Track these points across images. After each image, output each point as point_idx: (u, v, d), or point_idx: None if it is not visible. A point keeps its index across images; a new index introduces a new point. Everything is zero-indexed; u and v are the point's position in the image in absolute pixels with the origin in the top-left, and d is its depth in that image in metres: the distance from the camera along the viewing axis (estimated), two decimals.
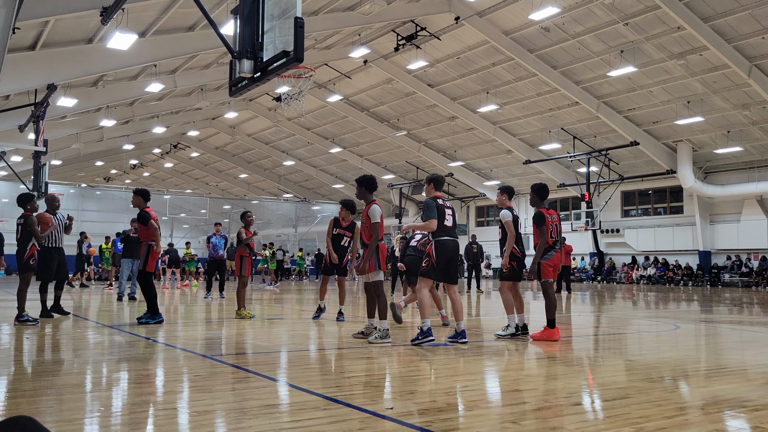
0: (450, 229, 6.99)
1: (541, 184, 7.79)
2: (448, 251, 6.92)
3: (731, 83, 22.84)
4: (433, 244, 6.93)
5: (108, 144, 39.13)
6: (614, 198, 31.97)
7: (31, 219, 8.65)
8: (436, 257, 6.87)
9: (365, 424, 3.46)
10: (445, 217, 6.95)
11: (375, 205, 7.12)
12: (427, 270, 6.97)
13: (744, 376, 5.43)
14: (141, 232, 8.94)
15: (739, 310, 13.79)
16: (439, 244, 6.91)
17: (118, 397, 4.21)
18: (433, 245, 6.94)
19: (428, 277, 6.98)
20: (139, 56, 20.07)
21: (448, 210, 7.04)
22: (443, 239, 6.91)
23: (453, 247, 6.99)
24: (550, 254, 7.45)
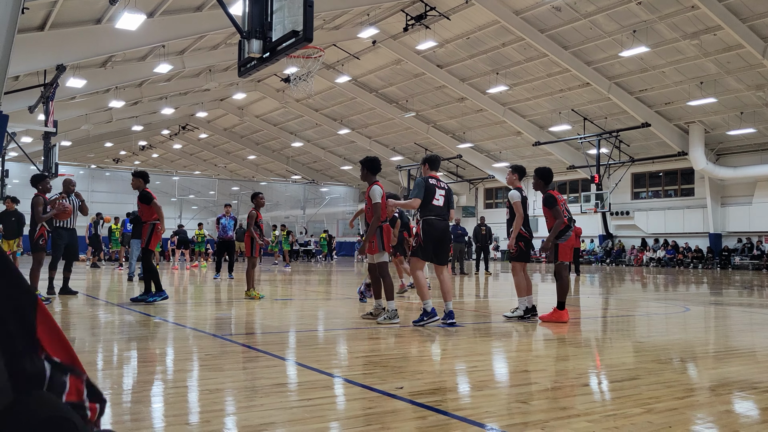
0: (439, 209, 6.83)
1: (545, 168, 7.74)
2: (436, 231, 6.79)
3: (745, 64, 22.53)
4: (421, 223, 6.84)
5: (117, 125, 39.21)
6: (624, 180, 31.78)
7: (35, 200, 8.78)
8: (424, 237, 6.78)
9: (375, 403, 3.48)
10: (435, 196, 6.80)
11: (376, 185, 7.06)
12: (416, 250, 6.90)
13: (754, 358, 5.42)
14: (144, 212, 8.99)
15: (749, 292, 13.73)
16: (426, 223, 6.79)
17: (129, 375, 4.25)
18: (420, 225, 6.86)
19: (418, 257, 6.87)
20: (147, 37, 20.03)
21: (441, 190, 6.88)
22: (431, 219, 6.80)
23: (442, 227, 6.87)
24: (567, 235, 7.36)
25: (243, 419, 3.15)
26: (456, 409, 3.39)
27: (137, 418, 3.18)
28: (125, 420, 3.15)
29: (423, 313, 6.68)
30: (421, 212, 6.84)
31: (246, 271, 10.08)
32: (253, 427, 2.99)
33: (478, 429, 3.03)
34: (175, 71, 27.25)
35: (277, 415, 3.21)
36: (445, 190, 6.97)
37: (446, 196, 6.92)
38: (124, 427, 3.01)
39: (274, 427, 3.00)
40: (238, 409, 3.36)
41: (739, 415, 3.49)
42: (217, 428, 2.99)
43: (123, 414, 3.27)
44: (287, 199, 48.50)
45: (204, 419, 3.14)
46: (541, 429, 3.04)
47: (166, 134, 47.69)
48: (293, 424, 3.06)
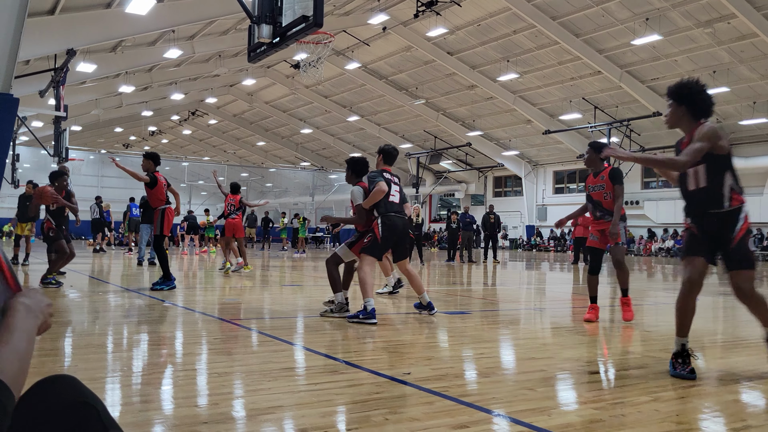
0: (396, 206, 6.41)
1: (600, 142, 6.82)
2: (397, 230, 6.36)
3: (759, 53, 22.27)
4: (379, 220, 6.32)
5: (127, 110, 39.30)
6: (635, 170, 31.61)
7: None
8: (383, 234, 6.27)
9: (382, 388, 3.50)
10: (391, 192, 6.39)
11: (356, 186, 6.63)
12: (370, 247, 6.31)
13: (761, 348, 5.39)
14: (151, 197, 9.02)
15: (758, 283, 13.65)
16: (386, 221, 6.31)
17: (139, 358, 4.30)
18: (379, 221, 6.32)
19: (372, 255, 6.31)
20: (157, 21, 20.02)
21: (395, 186, 6.48)
22: (390, 215, 6.33)
23: (402, 224, 6.44)
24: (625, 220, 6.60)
25: (251, 402, 3.18)
26: (463, 395, 3.40)
27: (147, 399, 3.21)
28: (135, 401, 3.18)
29: (362, 311, 6.03)
30: (377, 209, 6.38)
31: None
32: (261, 410, 3.02)
33: (484, 415, 3.04)
34: (185, 56, 27.25)
35: (285, 398, 3.24)
36: (399, 186, 6.59)
37: (400, 192, 6.56)
38: (134, 408, 3.05)
39: (281, 411, 3.03)
40: (246, 392, 3.39)
41: (746, 405, 3.49)
42: (226, 411, 3.01)
43: (133, 396, 3.30)
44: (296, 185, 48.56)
45: (212, 402, 3.17)
46: (548, 416, 3.05)
47: (175, 120, 47.77)
48: (300, 408, 3.09)
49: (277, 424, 2.86)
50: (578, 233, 19.97)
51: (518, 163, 37.55)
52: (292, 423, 2.90)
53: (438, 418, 2.95)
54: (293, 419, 2.94)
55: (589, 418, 3.03)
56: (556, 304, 9.12)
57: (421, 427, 2.81)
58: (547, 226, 37.58)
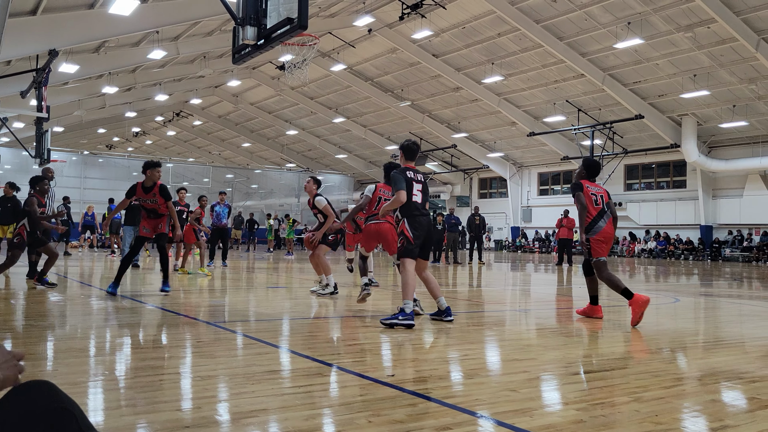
0: (420, 205, 6.29)
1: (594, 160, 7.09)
2: (423, 227, 6.27)
3: (738, 57, 22.58)
4: (407, 222, 6.21)
5: (110, 111, 38.96)
6: (618, 171, 31.88)
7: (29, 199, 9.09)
8: (413, 233, 6.19)
9: (366, 390, 3.51)
10: (414, 192, 6.24)
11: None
12: (406, 249, 6.20)
13: (742, 349, 5.48)
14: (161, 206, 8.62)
15: (738, 284, 13.84)
16: (412, 220, 6.22)
17: (122, 362, 4.27)
18: (407, 223, 6.21)
19: (410, 257, 6.21)
20: (141, 22, 19.86)
21: (418, 185, 6.31)
22: (415, 215, 6.24)
23: (427, 222, 6.35)
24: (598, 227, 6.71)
25: (234, 405, 3.17)
26: (446, 396, 3.43)
27: (129, 404, 3.20)
28: (117, 406, 3.17)
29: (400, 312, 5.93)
30: (401, 211, 6.25)
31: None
32: (245, 413, 3.02)
33: (468, 416, 3.06)
34: (169, 57, 27.07)
35: (269, 401, 3.24)
36: (422, 183, 6.42)
37: (423, 191, 6.38)
38: (117, 412, 3.04)
39: (265, 414, 3.03)
40: (229, 396, 3.38)
41: (725, 405, 3.54)
42: (209, 414, 3.01)
43: (115, 400, 3.29)
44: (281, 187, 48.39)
45: (196, 405, 3.16)
46: (530, 417, 3.08)
47: (159, 121, 47.43)
48: (284, 411, 3.09)
49: (260, 427, 2.86)
50: (562, 235, 20.13)
51: (503, 165, 37.74)
52: (276, 426, 2.90)
53: (421, 420, 2.97)
54: (277, 422, 2.94)
55: (571, 419, 3.07)
56: (541, 305, 9.18)
57: (404, 429, 2.82)
58: (532, 228, 37.79)
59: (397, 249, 6.30)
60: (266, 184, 48.38)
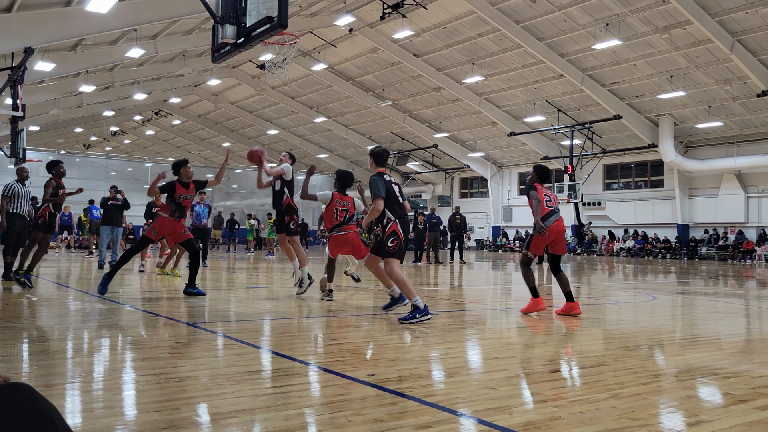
0: (403, 207, 6.57)
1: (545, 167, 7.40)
2: (408, 230, 6.64)
3: (714, 58, 22.92)
4: (398, 223, 6.42)
5: (87, 110, 38.47)
6: (596, 171, 32.21)
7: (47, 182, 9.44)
8: (404, 234, 6.48)
9: (346, 390, 3.51)
10: (396, 193, 6.50)
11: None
12: (396, 251, 6.43)
13: (717, 345, 5.57)
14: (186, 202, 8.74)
15: (714, 282, 14.06)
16: (403, 222, 6.48)
17: (99, 364, 4.22)
18: (398, 224, 6.42)
19: (397, 257, 6.50)
20: (118, 20, 19.62)
21: (396, 186, 6.59)
22: (404, 218, 6.54)
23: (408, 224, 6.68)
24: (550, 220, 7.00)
25: (213, 406, 3.16)
26: (426, 395, 3.44)
27: (107, 405, 3.17)
28: (96, 408, 3.13)
29: (416, 310, 6.15)
30: (394, 212, 6.44)
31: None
32: (224, 414, 3.00)
33: (448, 415, 3.08)
34: (147, 56, 26.80)
35: (248, 402, 3.23)
36: (398, 185, 6.71)
37: (401, 192, 6.66)
38: (95, 414, 3.00)
39: (244, 414, 3.02)
40: (208, 397, 3.36)
41: (700, 400, 3.60)
42: (187, 415, 2.99)
43: (93, 402, 3.25)
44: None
45: (174, 406, 3.14)
46: (509, 414, 3.10)
47: (138, 120, 46.93)
48: (264, 411, 3.08)
49: (240, 428, 2.85)
50: None
51: (484, 165, 37.92)
52: (256, 426, 2.89)
53: (401, 419, 2.98)
54: (256, 423, 2.93)
55: (549, 416, 3.09)
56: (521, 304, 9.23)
57: (385, 428, 2.83)
58: (513, 227, 38.03)
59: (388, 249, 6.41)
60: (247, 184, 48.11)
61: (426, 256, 20.62)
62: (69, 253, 22.11)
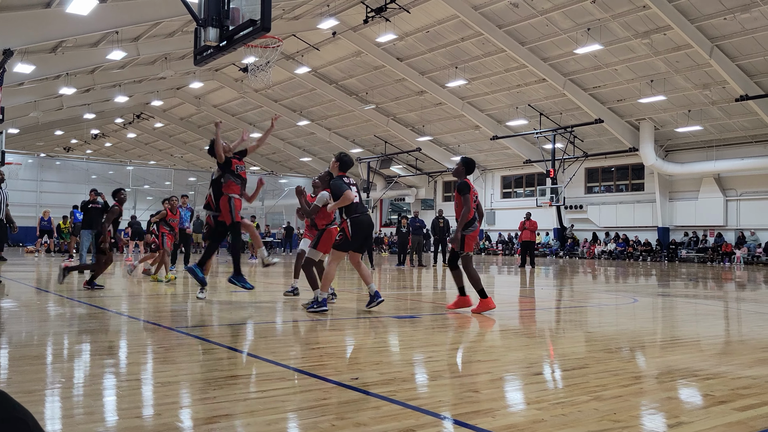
0: (361, 206, 7.28)
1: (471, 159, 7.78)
2: (364, 225, 7.21)
3: (693, 63, 23.24)
4: (349, 221, 7.14)
5: (68, 113, 38.06)
6: (578, 174, 32.47)
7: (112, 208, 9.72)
8: (353, 232, 7.12)
9: (329, 394, 3.51)
10: (354, 193, 7.21)
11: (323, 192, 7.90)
12: (341, 243, 7.21)
13: (697, 347, 5.64)
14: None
15: (694, 284, 14.23)
16: (355, 220, 7.15)
17: (80, 369, 4.17)
18: (348, 222, 7.14)
19: (342, 250, 7.23)
20: (99, 22, 19.46)
21: (355, 187, 7.37)
22: (357, 216, 7.17)
23: (368, 220, 7.31)
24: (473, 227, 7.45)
25: (196, 412, 3.13)
26: (410, 398, 3.44)
27: (88, 411, 3.13)
28: (76, 414, 3.10)
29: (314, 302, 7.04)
30: (346, 212, 7.16)
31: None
32: (206, 419, 2.98)
33: (431, 418, 3.08)
34: (129, 58, 26.58)
35: (231, 407, 3.21)
36: (356, 185, 7.53)
37: (359, 192, 7.44)
38: (75, 420, 2.97)
39: (227, 419, 3.00)
40: (191, 402, 3.34)
41: (681, 402, 3.64)
42: (169, 421, 2.96)
43: (74, 408, 3.21)
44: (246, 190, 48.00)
45: (156, 412, 3.11)
46: (492, 417, 3.11)
47: (119, 123, 46.52)
48: (247, 416, 3.06)
49: None
50: (525, 237, 20.41)
51: None
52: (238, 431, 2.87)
53: (385, 423, 2.98)
54: (239, 428, 2.91)
55: (532, 419, 3.11)
56: (503, 306, 9.28)
57: None
58: (496, 230, 38.21)
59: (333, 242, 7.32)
60: None
61: (409, 260, 20.64)
62: (49, 257, 21.83)
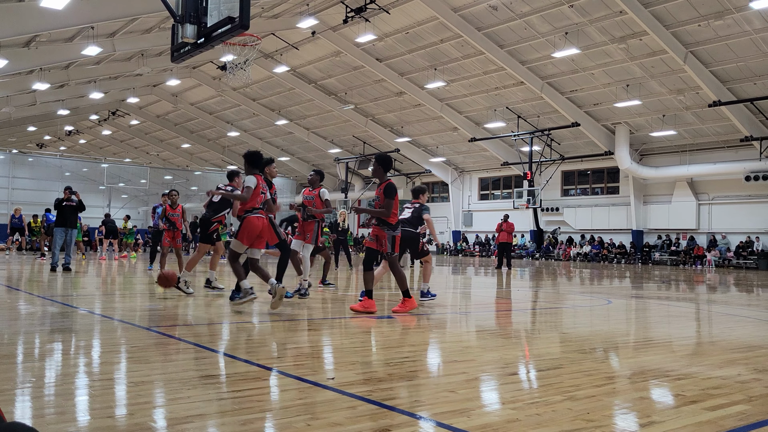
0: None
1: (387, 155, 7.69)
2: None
3: (668, 69, 23.61)
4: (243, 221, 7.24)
5: (41, 108, 37.43)
6: (555, 177, 32.79)
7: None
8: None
9: (305, 394, 3.49)
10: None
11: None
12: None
13: (669, 348, 5.73)
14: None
15: (666, 286, 14.45)
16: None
17: (52, 368, 4.10)
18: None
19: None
20: (75, 17, 19.16)
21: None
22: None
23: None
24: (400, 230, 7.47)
25: (169, 411, 3.10)
26: (386, 398, 3.44)
27: (60, 411, 3.08)
28: (47, 414, 3.05)
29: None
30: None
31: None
32: (179, 419, 2.95)
33: (407, 418, 3.09)
34: (104, 54, 26.22)
35: (205, 407, 3.18)
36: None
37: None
38: (45, 420, 2.92)
39: (201, 419, 2.97)
40: (164, 402, 3.30)
41: (653, 401, 3.69)
42: (142, 421, 2.93)
43: (45, 407, 3.16)
44: None
45: (129, 412, 3.07)
46: (467, 417, 3.13)
47: (94, 119, 45.84)
48: (221, 416, 3.04)
49: None
50: (502, 239, 20.55)
51: (445, 170, 38.22)
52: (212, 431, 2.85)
53: (360, 423, 2.97)
54: (213, 428, 2.89)
55: (507, 418, 3.13)
56: (480, 307, 9.34)
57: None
58: (473, 232, 38.41)
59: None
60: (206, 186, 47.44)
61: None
62: (20, 255, 21.43)
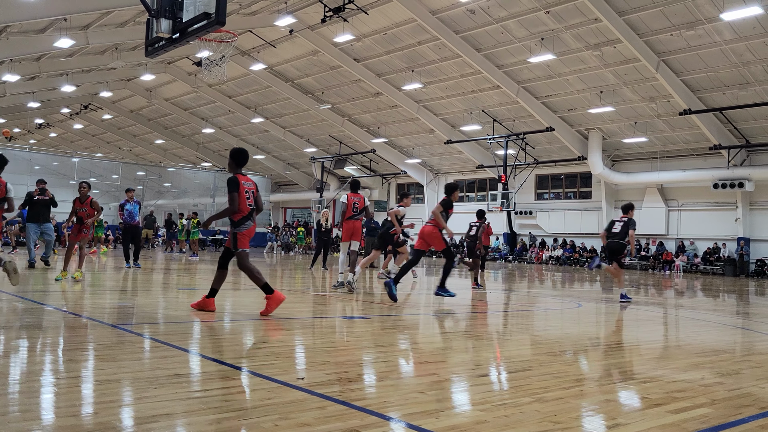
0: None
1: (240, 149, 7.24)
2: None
3: (640, 76, 24.00)
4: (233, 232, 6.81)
5: (11, 100, 36.64)
6: (529, 181, 33.10)
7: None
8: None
9: (274, 394, 3.48)
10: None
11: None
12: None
13: (636, 351, 5.83)
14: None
15: (636, 291, 14.68)
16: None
17: (16, 366, 4.03)
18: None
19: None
20: (47, 8, 18.81)
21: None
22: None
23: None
24: (247, 225, 6.88)
25: (135, 410, 3.06)
26: (356, 399, 3.45)
27: (25, 409, 3.02)
28: (11, 411, 2.99)
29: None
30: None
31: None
32: (146, 418, 2.92)
33: (375, 418, 3.09)
34: (77, 47, 25.77)
35: (172, 406, 3.15)
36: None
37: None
38: (8, 419, 2.86)
39: (168, 419, 2.94)
40: (131, 400, 3.26)
41: (619, 404, 3.75)
42: (108, 420, 2.89)
43: (9, 405, 3.09)
44: (196, 186, 47.08)
45: (94, 410, 3.03)
46: (436, 418, 3.15)
47: (66, 113, 45.02)
48: (188, 416, 3.01)
49: None
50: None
51: (420, 171, 38.34)
52: (179, 431, 2.82)
53: (329, 423, 2.97)
54: (180, 427, 2.86)
55: (475, 419, 3.16)
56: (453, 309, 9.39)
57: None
58: None
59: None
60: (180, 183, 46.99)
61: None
62: None
